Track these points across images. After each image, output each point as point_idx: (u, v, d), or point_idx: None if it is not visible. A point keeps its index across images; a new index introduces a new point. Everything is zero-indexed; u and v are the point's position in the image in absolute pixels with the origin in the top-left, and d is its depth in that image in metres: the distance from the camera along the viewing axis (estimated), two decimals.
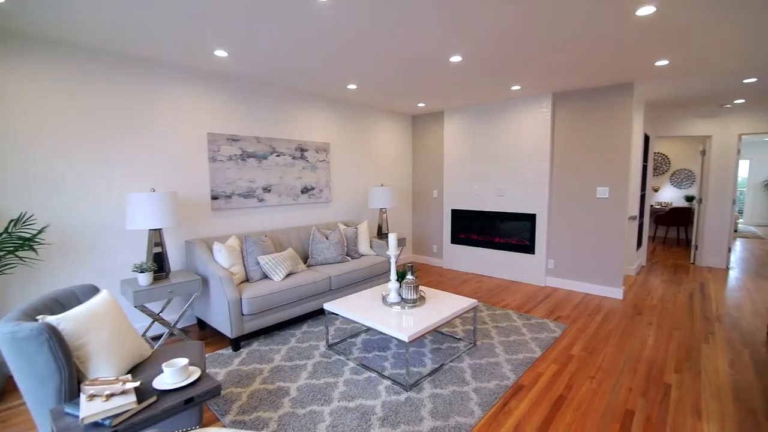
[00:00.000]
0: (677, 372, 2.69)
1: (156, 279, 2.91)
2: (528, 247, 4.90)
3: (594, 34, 2.72)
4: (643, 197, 5.82)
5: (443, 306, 2.90)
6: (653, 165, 9.21)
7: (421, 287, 3.31)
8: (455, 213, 5.59)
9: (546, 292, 4.55)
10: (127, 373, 1.88)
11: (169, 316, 3.45)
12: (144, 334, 3.02)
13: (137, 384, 1.56)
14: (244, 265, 3.39)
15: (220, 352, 3.04)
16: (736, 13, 2.38)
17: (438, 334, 3.32)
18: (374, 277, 4.15)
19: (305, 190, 4.50)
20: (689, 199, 9.03)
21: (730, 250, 5.80)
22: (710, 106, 5.56)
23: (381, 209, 4.92)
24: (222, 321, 3.03)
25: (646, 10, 2.35)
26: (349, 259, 4.17)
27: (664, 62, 3.40)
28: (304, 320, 3.67)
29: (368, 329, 3.45)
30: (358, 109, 5.18)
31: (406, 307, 2.86)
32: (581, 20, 2.49)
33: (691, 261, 6.16)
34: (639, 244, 5.80)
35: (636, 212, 5.32)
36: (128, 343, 1.93)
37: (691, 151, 9.08)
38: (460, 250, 5.58)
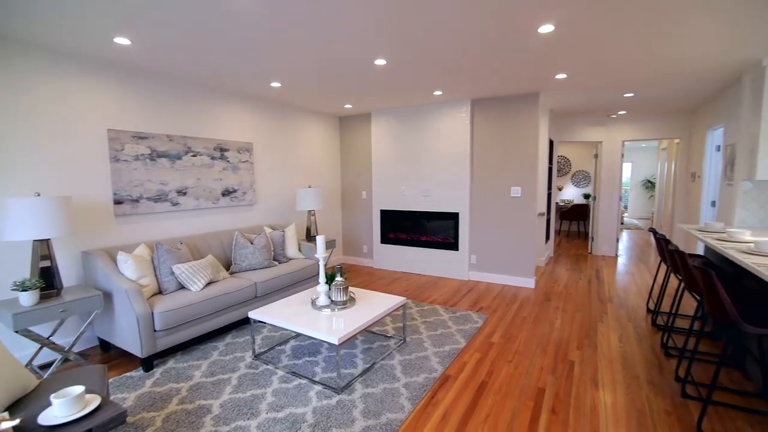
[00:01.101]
0: (579, 349, 3.04)
1: (44, 297, 2.51)
2: (453, 245, 5.17)
3: (503, 48, 2.96)
4: (549, 196, 6.49)
5: (373, 306, 2.93)
6: (557, 167, 10.32)
7: (351, 288, 3.31)
8: (384, 213, 5.69)
9: (469, 285, 4.85)
10: (4, 411, 1.59)
11: (64, 339, 3.00)
12: (29, 363, 2.59)
13: (16, 422, 1.33)
14: (156, 276, 3.08)
15: (128, 374, 2.72)
16: (620, 38, 2.76)
17: (369, 333, 3.35)
18: (304, 280, 4.05)
19: (227, 193, 4.24)
20: (586, 196, 10.29)
21: (618, 240, 6.72)
22: (600, 115, 6.40)
23: (309, 211, 4.83)
24: (130, 339, 2.72)
25: (546, 28, 2.62)
26: (277, 263, 4.02)
27: (563, 76, 3.82)
28: (228, 331, 3.45)
29: (298, 335, 3.35)
30: (284, 109, 5.02)
31: (336, 310, 2.84)
32: (492, 36, 2.69)
33: (589, 251, 7.02)
34: (547, 237, 6.45)
35: (544, 209, 5.91)
36: (2, 376, 1.63)
37: (587, 154, 10.36)
38: (390, 249, 5.70)
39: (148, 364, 2.75)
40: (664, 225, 7.84)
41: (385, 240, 5.73)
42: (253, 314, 2.86)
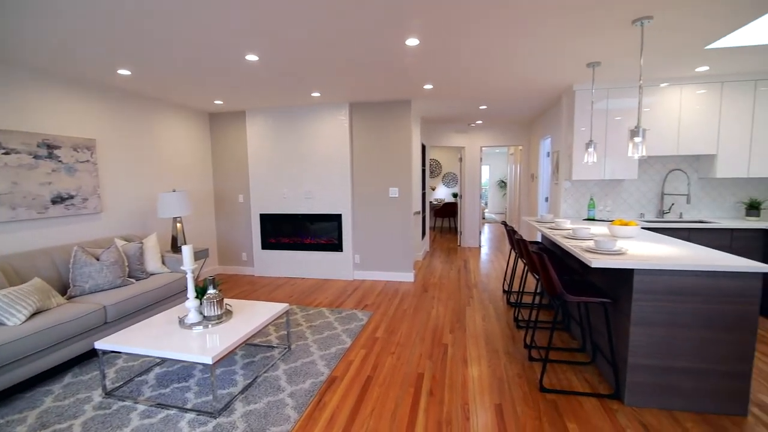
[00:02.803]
0: (452, 333, 3.37)
1: None
2: (337, 246, 5.20)
3: (375, 57, 3.10)
4: (424, 195, 7.07)
5: (253, 316, 2.75)
6: (430, 169, 11.31)
7: (227, 301, 3.05)
8: (264, 217, 5.41)
9: (355, 285, 4.95)
10: None
11: None
12: None
13: None
14: None
15: None
16: (472, 59, 3.15)
17: (250, 346, 3.13)
18: (170, 297, 3.57)
19: (59, 200, 3.46)
20: (455, 195, 11.52)
21: (480, 233, 7.71)
22: (462, 124, 7.24)
23: (175, 218, 4.28)
24: None
25: (412, 41, 2.84)
26: (133, 281, 3.45)
27: (430, 86, 4.20)
28: (68, 369, 2.82)
29: (163, 360, 2.93)
30: (138, 101, 4.33)
31: (210, 326, 2.57)
32: (363, 45, 2.79)
33: (459, 244, 7.88)
34: (423, 234, 7.01)
35: (419, 208, 6.41)
36: None
37: (454, 158, 11.61)
38: (272, 255, 5.44)
39: None
40: (514, 218, 9.30)
41: (266, 245, 5.45)
42: (101, 344, 2.39)
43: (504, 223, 4.19)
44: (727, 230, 3.77)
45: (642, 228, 3.76)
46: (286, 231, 5.38)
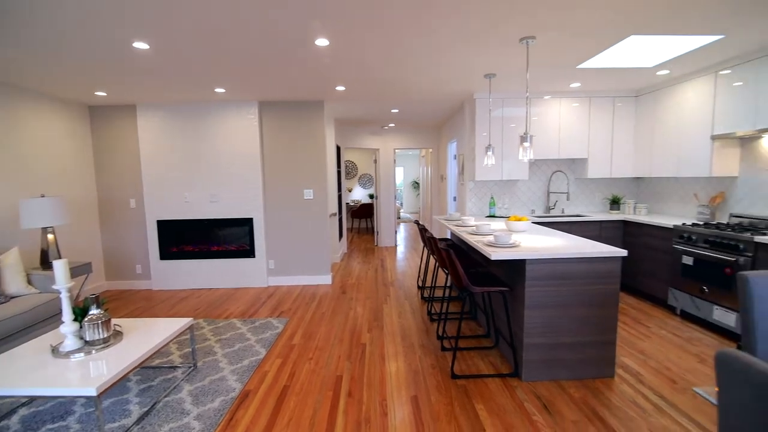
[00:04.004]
0: (369, 332, 3.42)
1: None
2: (248, 252, 4.91)
3: (282, 55, 2.99)
4: (340, 197, 7.05)
5: (149, 336, 2.45)
6: (346, 170, 11.35)
7: (117, 321, 2.67)
8: (163, 224, 4.86)
9: (269, 291, 4.73)
10: None
11: None
12: None
13: None
14: None
15: None
16: (382, 65, 3.23)
17: (147, 369, 2.79)
18: (41, 323, 3.01)
19: None
20: (371, 196, 11.73)
21: (396, 232, 7.96)
22: (376, 126, 7.40)
23: (44, 229, 3.61)
24: None
25: (322, 42, 2.80)
26: None
27: (342, 88, 4.20)
28: None
29: (31, 399, 2.45)
30: None
31: (93, 352, 2.22)
32: (264, 40, 2.68)
33: (376, 244, 8.03)
34: (340, 235, 6.99)
35: (336, 209, 6.38)
36: None
37: (369, 159, 11.80)
38: (174, 265, 4.92)
39: None
40: (427, 217, 9.80)
41: (166, 255, 4.90)
42: None
43: (417, 222, 4.38)
44: (597, 222, 4.46)
45: (533, 223, 4.25)
46: (189, 238, 4.91)
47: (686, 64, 3.52)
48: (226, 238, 4.93)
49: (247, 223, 4.87)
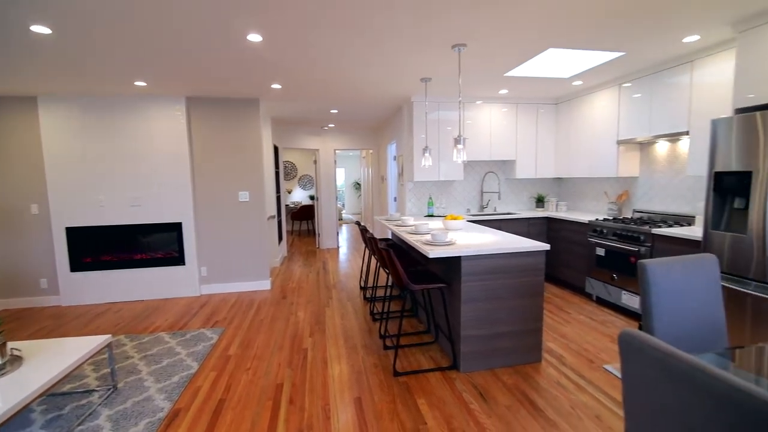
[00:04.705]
0: (311, 336, 3.34)
1: None
2: (178, 259, 4.56)
3: (211, 49, 2.82)
4: (278, 198, 6.82)
5: (56, 358, 2.16)
6: (285, 171, 11.02)
7: (15, 344, 2.32)
8: (73, 232, 4.33)
9: (202, 301, 4.43)
10: None
11: None
12: None
13: None
14: None
15: None
16: (317, 64, 3.17)
17: (56, 397, 2.46)
18: None
19: None
20: (312, 198, 11.51)
21: (338, 234, 7.90)
22: (315, 126, 7.28)
23: None
24: None
25: (254, 38, 2.69)
26: None
27: (277, 86, 4.06)
28: None
29: None
30: None
31: None
32: (192, 33, 2.51)
33: (317, 246, 7.90)
34: (280, 238, 6.77)
35: (274, 212, 6.16)
36: None
37: (309, 160, 11.58)
38: (88, 277, 4.41)
39: None
40: (369, 218, 9.85)
41: (78, 267, 4.37)
42: None
43: (358, 223, 4.38)
44: (525, 219, 4.81)
45: (468, 221, 4.46)
46: (107, 247, 4.42)
47: (595, 76, 3.93)
48: (151, 245, 4.52)
49: (176, 228, 4.52)
